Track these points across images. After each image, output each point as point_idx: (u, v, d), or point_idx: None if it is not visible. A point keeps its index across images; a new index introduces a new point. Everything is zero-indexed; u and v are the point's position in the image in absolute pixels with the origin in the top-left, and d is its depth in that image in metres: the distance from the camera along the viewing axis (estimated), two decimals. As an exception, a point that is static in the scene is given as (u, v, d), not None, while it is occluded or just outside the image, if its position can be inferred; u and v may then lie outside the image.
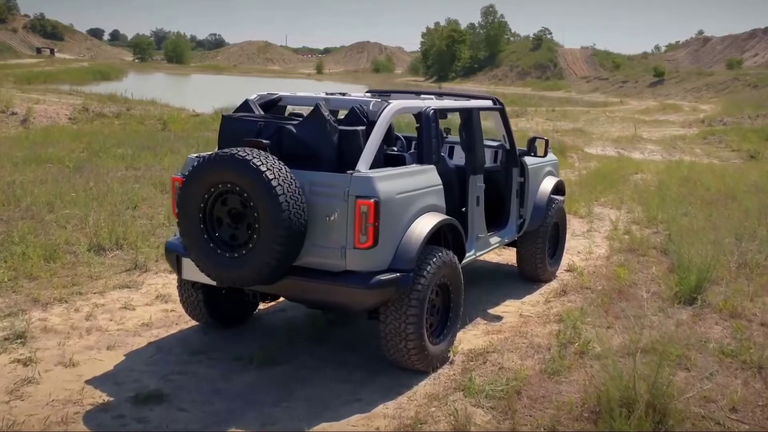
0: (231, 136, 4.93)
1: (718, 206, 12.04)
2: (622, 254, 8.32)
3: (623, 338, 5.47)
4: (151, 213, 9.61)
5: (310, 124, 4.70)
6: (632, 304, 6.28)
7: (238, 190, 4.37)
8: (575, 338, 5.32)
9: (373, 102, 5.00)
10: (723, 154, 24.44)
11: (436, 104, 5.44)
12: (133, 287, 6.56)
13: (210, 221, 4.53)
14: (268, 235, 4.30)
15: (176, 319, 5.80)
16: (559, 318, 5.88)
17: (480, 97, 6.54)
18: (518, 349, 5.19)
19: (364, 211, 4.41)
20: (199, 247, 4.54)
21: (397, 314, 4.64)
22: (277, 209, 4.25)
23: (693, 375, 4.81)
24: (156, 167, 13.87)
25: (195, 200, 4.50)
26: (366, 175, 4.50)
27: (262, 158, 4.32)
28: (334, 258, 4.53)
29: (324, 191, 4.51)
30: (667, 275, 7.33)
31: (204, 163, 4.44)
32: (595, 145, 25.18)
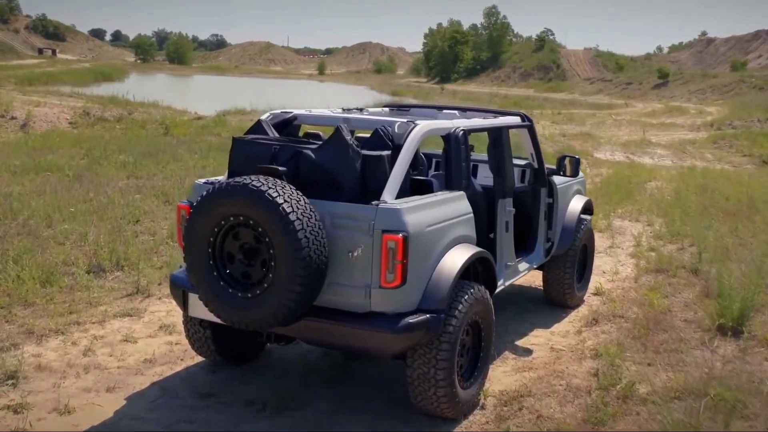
0: (243, 161, 4.50)
1: (741, 219, 11.60)
2: (650, 275, 7.88)
3: (667, 377, 5.04)
4: (153, 228, 9.18)
5: (331, 148, 4.26)
6: (671, 336, 5.85)
7: (252, 223, 3.94)
8: (616, 378, 4.88)
9: (398, 123, 4.56)
10: (734, 159, 24.01)
11: (465, 124, 5.01)
12: (134, 315, 6.12)
13: (220, 257, 4.10)
14: (285, 275, 3.87)
15: (181, 354, 5.37)
16: (596, 353, 5.44)
17: (507, 113, 6.11)
18: (555, 392, 4.75)
19: (391, 246, 3.98)
20: (209, 286, 4.11)
21: (426, 359, 4.21)
22: (295, 246, 3.82)
23: (752, 425, 4.37)
24: (158, 176, 13.45)
25: (203, 234, 4.07)
26: (393, 206, 4.06)
27: (278, 188, 3.89)
28: (358, 298, 4.09)
29: (346, 224, 4.08)
30: (702, 300, 6.89)
31: (214, 193, 4.00)
32: (604, 150, 24.76)
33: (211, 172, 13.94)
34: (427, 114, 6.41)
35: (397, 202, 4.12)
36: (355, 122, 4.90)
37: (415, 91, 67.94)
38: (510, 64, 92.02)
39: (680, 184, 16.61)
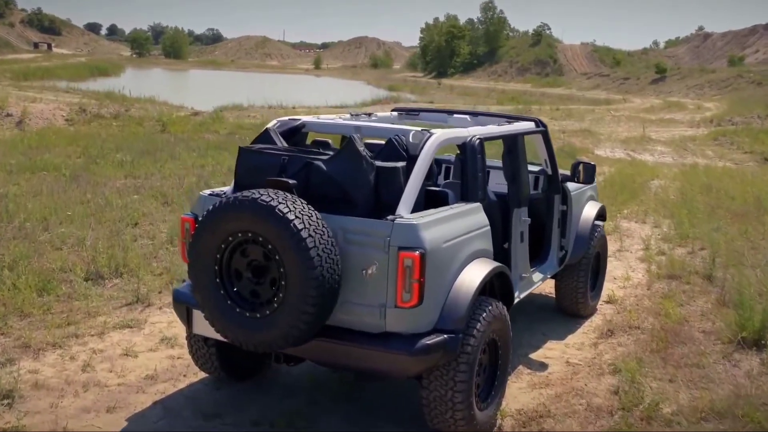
0: (250, 171, 4.29)
1: (750, 220, 11.43)
2: (662, 281, 7.69)
3: (691, 395, 4.86)
4: (152, 231, 8.96)
5: (343, 160, 4.05)
6: (690, 349, 5.66)
7: (261, 240, 3.73)
8: (638, 397, 4.69)
9: (412, 133, 4.34)
10: (736, 157, 23.84)
11: (481, 132, 4.80)
12: (135, 327, 5.91)
13: (227, 274, 3.89)
14: (296, 295, 3.67)
15: (184, 370, 5.16)
16: (614, 368, 5.25)
17: (520, 118, 5.90)
18: (576, 413, 4.55)
19: (408, 265, 3.77)
20: (215, 305, 3.90)
21: (443, 380, 4.01)
22: (307, 265, 3.61)
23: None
24: (156, 176, 13.23)
25: (209, 250, 3.86)
26: (409, 221, 3.86)
27: (289, 203, 3.68)
28: (372, 317, 3.89)
29: (360, 240, 3.87)
30: (718, 309, 6.71)
31: (220, 208, 3.79)
32: (604, 147, 24.57)
33: (209, 172, 13.73)
34: (437, 119, 6.22)
35: (414, 217, 3.91)
36: (366, 130, 4.69)
37: (412, 85, 67.73)
38: (507, 59, 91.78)
39: (684, 182, 16.44)
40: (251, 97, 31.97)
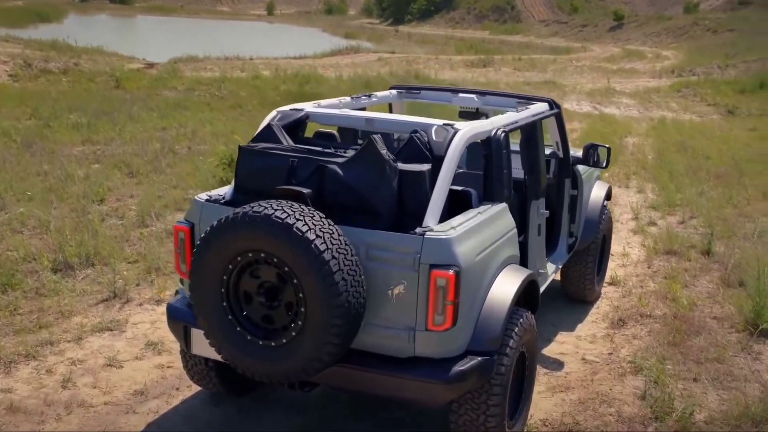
0: (252, 175, 3.80)
1: (731, 183, 11.31)
2: (661, 257, 7.46)
3: (719, 397, 4.62)
4: (120, 209, 8.39)
5: (363, 163, 3.57)
6: (707, 340, 5.42)
7: (276, 261, 3.28)
8: (668, 403, 4.42)
9: (435, 128, 3.87)
10: (700, 109, 23.85)
11: (503, 122, 4.35)
12: (115, 329, 5.41)
13: (235, 297, 3.44)
14: (318, 323, 3.24)
15: (176, 382, 4.72)
16: (634, 366, 4.97)
17: (533, 98, 5.46)
18: (607, 425, 4.26)
19: (441, 285, 3.36)
20: (222, 332, 3.46)
21: (475, 404, 3.65)
22: (331, 291, 3.18)
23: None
24: (117, 141, 12.54)
25: (214, 271, 3.39)
26: (441, 235, 3.43)
27: (307, 219, 3.23)
28: (399, 341, 3.49)
29: (385, 257, 3.44)
30: (725, 290, 6.51)
31: (227, 225, 3.31)
32: (570, 100, 24.34)
33: (173, 137, 13.04)
34: (440, 98, 5.77)
35: (445, 229, 3.49)
36: (379, 123, 4.21)
37: (369, 33, 66.35)
38: (464, 5, 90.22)
39: (658, 140, 16.29)
40: (206, 47, 30.77)
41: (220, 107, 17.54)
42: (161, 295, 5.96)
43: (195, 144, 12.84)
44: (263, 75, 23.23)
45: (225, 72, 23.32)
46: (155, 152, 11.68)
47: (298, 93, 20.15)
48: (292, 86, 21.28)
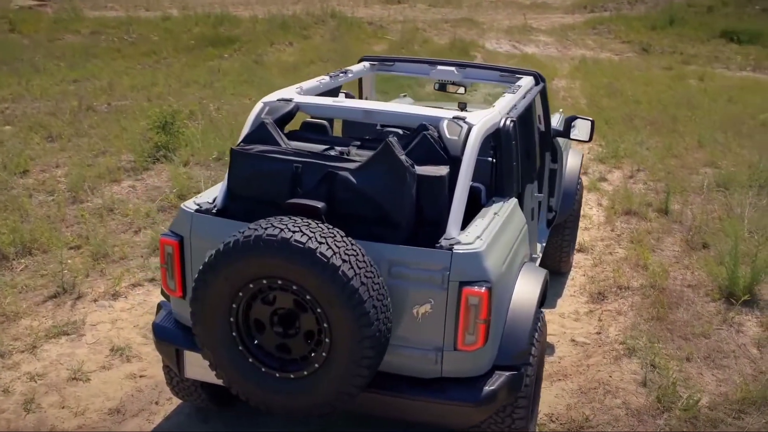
0: (248, 182, 3.38)
1: (666, 131, 11.45)
2: (621, 219, 7.44)
3: (715, 378, 4.61)
4: (48, 182, 7.70)
5: (379, 170, 3.21)
6: (688, 312, 5.41)
7: (296, 289, 2.93)
8: (671, 390, 4.36)
9: (445, 123, 3.53)
10: (616, 47, 24.16)
11: (510, 110, 4.04)
12: (72, 333, 4.92)
13: (245, 326, 3.08)
14: (347, 356, 2.93)
15: (153, 395, 4.32)
16: (627, 348, 4.90)
17: (517, 71, 5.18)
18: (618, 419, 4.16)
19: (473, 303, 3.09)
20: (232, 364, 3.10)
21: (500, 418, 3.44)
22: (361, 322, 2.86)
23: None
24: (26, 98, 11.57)
25: (222, 299, 3.01)
26: (471, 249, 3.14)
27: (330, 242, 2.87)
28: (424, 362, 3.22)
29: (409, 274, 3.13)
30: (690, 253, 6.55)
31: (236, 250, 2.91)
32: (490, 38, 24.20)
33: (90, 92, 12.09)
34: (416, 71, 5.41)
35: (471, 240, 3.20)
36: (378, 115, 3.83)
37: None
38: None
39: (585, 83, 16.35)
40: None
41: (132, 54, 16.43)
42: (117, 288, 5.47)
43: (115, 99, 11.97)
44: (172, 16, 21.92)
45: (129, 11, 21.86)
46: (72, 111, 10.81)
47: (214, 36, 19.14)
48: (206, 28, 20.17)
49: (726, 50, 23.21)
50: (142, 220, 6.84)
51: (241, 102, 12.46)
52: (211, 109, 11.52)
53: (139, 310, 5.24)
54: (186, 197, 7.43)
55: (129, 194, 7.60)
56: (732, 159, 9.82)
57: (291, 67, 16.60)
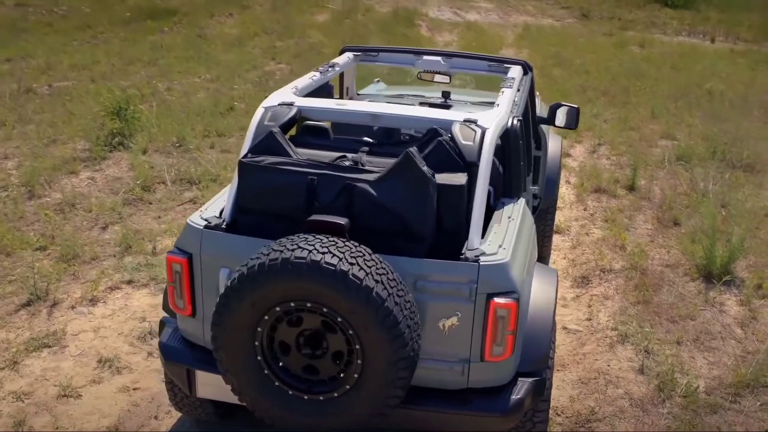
0: (260, 196, 3.23)
1: (619, 101, 11.63)
2: (591, 196, 7.52)
3: (707, 362, 4.72)
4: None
5: (400, 181, 3.10)
6: (671, 294, 5.52)
7: (326, 311, 2.83)
8: (669, 376, 4.44)
9: (458, 127, 3.44)
10: (556, 13, 24.32)
11: (509, 105, 3.97)
12: (54, 344, 4.69)
13: (269, 349, 2.97)
14: (381, 377, 2.86)
15: (152, 408, 4.16)
16: (619, 334, 4.96)
17: (505, 60, 5.10)
18: (623, 411, 4.21)
19: (502, 315, 3.05)
20: (259, 389, 2.99)
21: (522, 423, 3.43)
22: (397, 344, 2.79)
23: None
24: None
25: (247, 324, 2.89)
26: (497, 261, 3.08)
27: (360, 262, 2.77)
28: (451, 374, 3.17)
29: (435, 288, 3.06)
30: (663, 231, 6.67)
31: (263, 274, 2.78)
32: (432, 6, 24.01)
33: (25, 72, 11.50)
34: (401, 61, 5.29)
35: (494, 251, 3.13)
36: (387, 119, 3.70)
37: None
38: None
39: (533, 53, 16.39)
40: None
41: (65, 29, 15.74)
42: (94, 293, 5.24)
43: (55, 80, 11.46)
44: (103, -15, 20.99)
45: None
46: (12, 94, 10.29)
47: (151, 8, 18.49)
48: (141, -1, 19.42)
49: (661, 15, 23.65)
50: (108, 215, 6.57)
51: (191, 81, 12.08)
52: (161, 89, 11.13)
53: (121, 316, 5.04)
54: (150, 188, 7.20)
55: (89, 187, 7.29)
56: (686, 130, 10.05)
57: (235, 41, 16.16)
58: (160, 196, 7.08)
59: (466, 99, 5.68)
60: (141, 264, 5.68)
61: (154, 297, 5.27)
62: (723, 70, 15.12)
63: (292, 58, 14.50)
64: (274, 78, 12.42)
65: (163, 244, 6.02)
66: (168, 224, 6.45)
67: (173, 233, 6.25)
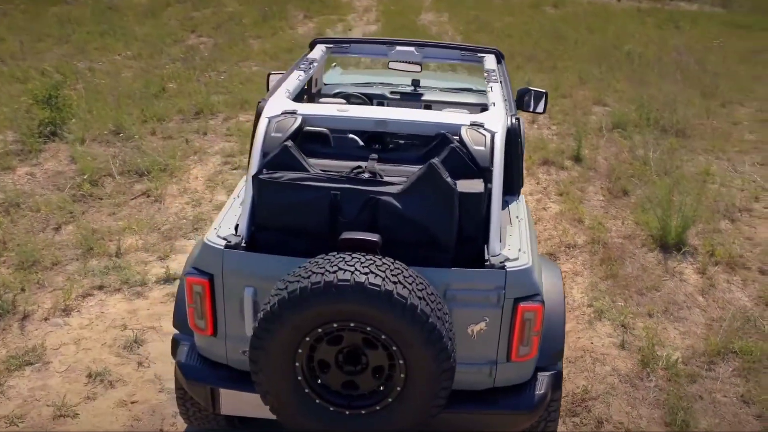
0: (281, 213, 3.17)
1: (546, 68, 11.92)
2: (541, 169, 7.74)
3: (679, 332, 5.01)
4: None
5: (425, 193, 3.11)
6: (634, 266, 5.79)
7: (370, 330, 2.86)
8: (649, 350, 4.68)
9: (466, 130, 3.47)
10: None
11: (503, 102, 4.02)
12: (35, 361, 4.51)
13: (309, 368, 2.98)
14: (425, 388, 2.92)
15: (155, 421, 4.08)
16: (595, 311, 5.18)
17: (477, 49, 5.13)
18: (614, 388, 4.42)
19: (528, 318, 3.15)
20: (300, 408, 3.00)
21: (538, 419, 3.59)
22: (441, 356, 2.85)
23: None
24: None
25: (287, 348, 2.89)
26: (522, 266, 3.17)
27: (402, 279, 2.81)
28: (478, 375, 3.27)
29: (464, 296, 3.12)
30: (614, 201, 6.97)
31: (305, 297, 2.77)
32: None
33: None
34: (374, 52, 5.25)
35: (516, 255, 3.22)
36: (393, 125, 3.68)
37: None
38: None
39: (453, 17, 16.52)
40: None
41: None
42: (67, 302, 5.06)
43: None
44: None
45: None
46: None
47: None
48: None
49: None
50: (59, 215, 6.30)
51: (111, 59, 11.59)
52: (83, 70, 10.61)
53: (100, 326, 4.89)
54: (98, 183, 6.94)
55: (30, 183, 6.95)
56: (616, 96, 10.42)
57: (148, 12, 15.56)
58: (110, 190, 6.83)
59: (436, 85, 5.71)
60: (108, 267, 5.49)
61: (129, 302, 5.13)
62: (635, 31, 15.68)
63: (213, 30, 14.10)
64: (200, 53, 12.05)
65: (126, 244, 5.84)
66: (125, 221, 6.24)
67: (134, 230, 6.08)
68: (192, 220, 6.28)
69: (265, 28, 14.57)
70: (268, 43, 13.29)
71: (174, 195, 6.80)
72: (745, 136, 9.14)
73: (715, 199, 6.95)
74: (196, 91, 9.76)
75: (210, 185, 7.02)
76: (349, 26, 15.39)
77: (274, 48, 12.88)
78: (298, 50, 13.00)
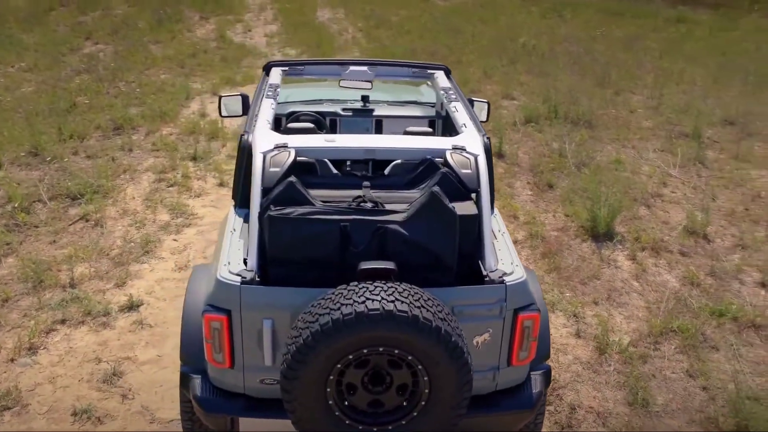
0: (294, 246, 3.32)
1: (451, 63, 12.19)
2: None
3: (623, 317, 5.48)
4: None
5: (429, 219, 3.34)
6: (573, 257, 6.25)
7: (398, 353, 3.07)
8: (601, 337, 5.11)
9: (452, 155, 3.74)
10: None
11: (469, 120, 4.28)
12: (12, 405, 4.38)
13: (338, 392, 3.16)
14: (448, 401, 3.15)
15: (153, 454, 4.15)
16: (547, 303, 5.56)
17: (426, 66, 5.36)
18: (579, 375, 4.82)
19: (527, 326, 3.46)
20: (327, 427, 3.19)
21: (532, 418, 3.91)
22: (463, 371, 3.10)
23: (724, 355, 5.07)
24: None
25: (319, 375, 3.05)
26: (518, 279, 3.45)
27: (423, 302, 3.03)
28: (483, 381, 3.53)
29: (471, 311, 3.38)
30: (541, 195, 7.42)
31: (338, 328, 2.94)
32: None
33: None
34: (327, 72, 5.38)
35: (511, 269, 3.51)
36: (381, 153, 3.87)
37: None
38: None
39: (350, 14, 16.68)
40: None
41: None
42: (31, 340, 4.94)
43: None
44: None
45: None
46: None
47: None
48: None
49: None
50: (-5, 247, 6.09)
51: (5, 72, 11.04)
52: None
53: (72, 361, 4.82)
54: (32, 209, 6.74)
55: (-45, 215, 6.64)
56: (521, 89, 10.95)
57: (30, 17, 14.87)
58: (45, 217, 6.64)
59: (383, 99, 5.91)
60: (66, 299, 5.39)
61: (96, 334, 5.08)
62: (523, 22, 16.41)
63: (109, 36, 13.65)
64: (102, 62, 11.68)
65: (77, 272, 5.73)
66: (69, 248, 6.11)
67: (81, 258, 5.96)
68: (140, 243, 6.21)
69: (163, 32, 14.25)
70: (169, 48, 13.03)
71: (114, 217, 6.69)
72: (643, 124, 9.88)
73: (630, 187, 7.54)
74: (109, 105, 9.52)
75: (149, 204, 6.94)
76: (248, 26, 15.29)
77: (177, 53, 12.66)
78: (202, 55, 12.89)
